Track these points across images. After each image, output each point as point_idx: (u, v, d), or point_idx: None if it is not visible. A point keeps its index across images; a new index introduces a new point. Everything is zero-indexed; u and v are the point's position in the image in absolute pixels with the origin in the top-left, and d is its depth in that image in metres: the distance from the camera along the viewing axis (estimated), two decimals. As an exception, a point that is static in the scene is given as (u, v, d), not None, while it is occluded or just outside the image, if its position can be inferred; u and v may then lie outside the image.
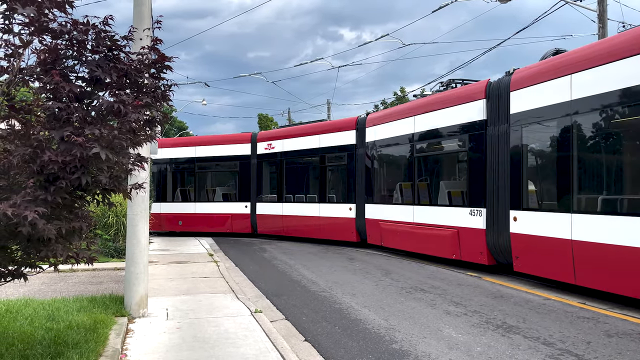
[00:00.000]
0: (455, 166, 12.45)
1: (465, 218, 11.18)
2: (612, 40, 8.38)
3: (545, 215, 9.13)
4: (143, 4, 7.14)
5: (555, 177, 9.09)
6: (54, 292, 8.57)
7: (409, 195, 13.24)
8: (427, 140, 12.66)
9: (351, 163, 15.93)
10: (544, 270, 9.17)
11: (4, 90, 4.17)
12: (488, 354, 5.50)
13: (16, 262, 4.28)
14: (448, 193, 12.08)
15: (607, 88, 7.90)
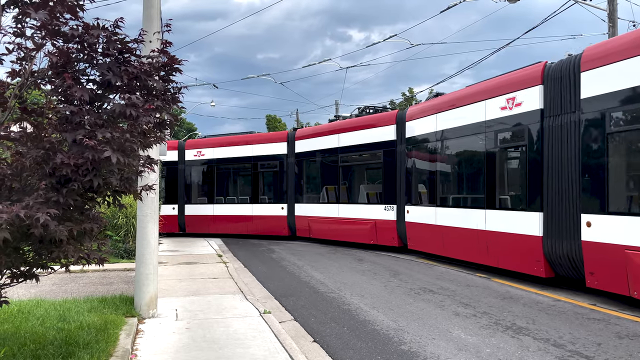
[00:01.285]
0: (372, 173, 16.11)
1: (381, 212, 14.89)
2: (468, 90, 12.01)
3: (424, 208, 13.25)
4: (152, 6, 7.19)
5: (428, 184, 13.31)
6: (65, 292, 8.65)
7: (333, 196, 16.84)
8: (350, 153, 16.33)
9: (282, 170, 18.88)
10: (424, 246, 13.27)
11: (16, 93, 4.22)
12: (497, 356, 5.48)
13: (28, 263, 4.33)
14: (367, 194, 15.76)
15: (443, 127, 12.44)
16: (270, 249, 16.07)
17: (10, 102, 4.13)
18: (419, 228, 13.29)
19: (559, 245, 8.94)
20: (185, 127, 60.49)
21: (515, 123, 10.04)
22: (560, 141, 9.03)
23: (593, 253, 8.13)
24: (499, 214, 10.38)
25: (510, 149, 10.66)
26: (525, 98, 9.74)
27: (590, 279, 8.22)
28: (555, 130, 9.14)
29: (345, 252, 14.94)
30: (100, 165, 3.87)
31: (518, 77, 10.13)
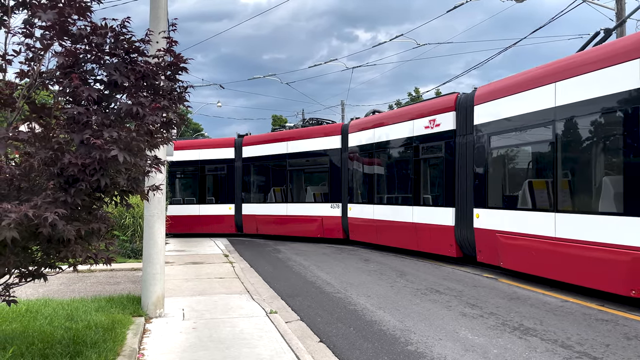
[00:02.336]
0: (320, 176, 18.41)
1: (328, 210, 17.37)
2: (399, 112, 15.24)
3: (364, 206, 15.91)
4: (159, 7, 7.22)
5: (367, 185, 16.08)
6: (73, 292, 8.70)
7: (281, 196, 18.90)
8: (298, 158, 18.44)
9: (230, 173, 20.38)
10: (363, 237, 15.99)
11: (24, 93, 4.25)
12: (505, 356, 5.45)
13: (36, 262, 4.36)
14: (313, 194, 18.12)
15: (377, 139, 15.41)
16: (277, 249, 16.08)
17: (18, 102, 4.16)
18: (360, 222, 16.16)
19: (463, 232, 11.84)
20: (191, 128, 60.67)
21: (436, 139, 12.91)
22: (465, 154, 11.95)
23: (480, 236, 11.19)
24: (423, 209, 13.20)
25: (432, 159, 13.40)
26: (443, 120, 12.62)
27: (479, 255, 11.27)
28: (462, 146, 12.08)
29: (350, 252, 14.93)
30: (107, 165, 3.88)
31: (438, 104, 13.12)
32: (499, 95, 10.77)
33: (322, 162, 17.86)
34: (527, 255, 9.66)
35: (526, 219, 9.80)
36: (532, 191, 9.80)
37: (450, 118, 12.34)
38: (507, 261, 10.27)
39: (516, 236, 9.97)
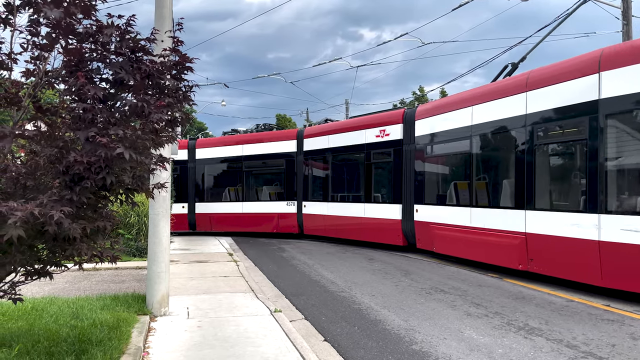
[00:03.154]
0: (276, 177, 19.93)
1: (284, 207, 19.08)
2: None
3: (318, 203, 17.90)
4: (164, 6, 7.22)
5: (320, 185, 18.15)
6: (78, 290, 8.73)
7: (236, 196, 20.17)
8: (254, 160, 19.89)
9: (183, 173, 20.98)
10: (316, 231, 17.98)
11: (30, 92, 4.26)
12: (510, 356, 5.44)
13: (42, 260, 4.37)
14: (269, 193, 19.72)
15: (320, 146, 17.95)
16: (281, 248, 16.09)
17: (24, 101, 4.18)
18: (313, 218, 18.12)
19: (407, 224, 14.33)
20: (196, 127, 60.76)
21: (386, 146, 15.22)
22: (409, 160, 14.35)
23: (419, 227, 13.76)
24: (374, 206, 15.55)
25: (382, 163, 15.69)
26: (392, 131, 14.98)
27: (418, 243, 13.84)
28: (407, 152, 14.46)
29: (355, 251, 14.92)
30: (113, 163, 3.89)
31: (388, 117, 15.51)
32: (433, 113, 13.41)
33: (277, 163, 19.54)
34: (452, 241, 12.30)
35: (451, 213, 12.37)
36: (457, 191, 12.37)
37: (399, 129, 14.79)
38: (438, 247, 12.90)
39: (444, 226, 12.60)
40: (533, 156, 9.87)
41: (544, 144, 9.91)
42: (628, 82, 7.95)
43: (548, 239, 9.40)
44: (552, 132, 9.76)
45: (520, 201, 10.09)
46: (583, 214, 8.68)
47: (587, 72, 8.67)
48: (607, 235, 8.20)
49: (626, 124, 8.29)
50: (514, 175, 10.41)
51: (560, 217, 9.18)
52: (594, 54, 8.75)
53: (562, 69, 9.42)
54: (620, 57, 8.21)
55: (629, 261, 7.86)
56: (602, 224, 8.28)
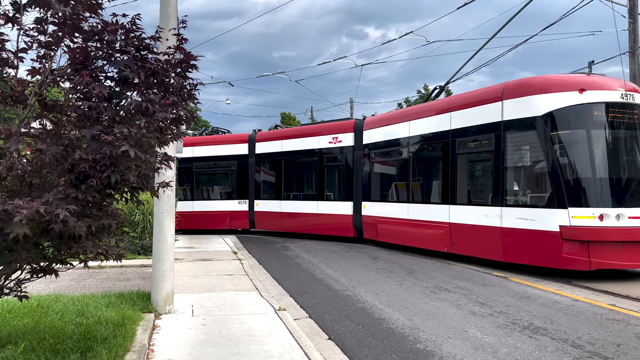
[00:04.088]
0: (227, 177, 21.22)
1: (236, 205, 20.48)
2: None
3: (269, 201, 19.60)
4: (169, 4, 7.24)
5: (273, 185, 19.73)
6: (83, 288, 8.77)
7: (189, 195, 21.13)
8: (205, 162, 21.06)
9: None
10: (268, 227, 19.98)
11: (36, 90, 4.28)
12: (514, 355, 5.42)
13: (47, 258, 4.39)
14: (220, 192, 21.10)
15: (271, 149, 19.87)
16: (285, 246, 16.11)
17: (30, 99, 4.19)
18: (265, 215, 19.81)
19: (357, 218, 16.65)
20: (200, 125, 60.80)
21: (338, 151, 17.51)
22: (359, 163, 16.66)
23: (365, 221, 16.27)
24: (328, 203, 17.69)
25: (334, 166, 17.84)
26: (344, 138, 17.26)
27: (365, 234, 16.35)
28: (357, 157, 16.78)
29: (359, 250, 14.92)
30: (118, 161, 3.90)
31: (340, 125, 17.79)
32: (379, 124, 16.11)
33: (229, 165, 20.86)
34: (393, 231, 14.88)
35: (392, 208, 14.95)
36: (397, 190, 14.99)
37: (350, 137, 17.08)
38: (381, 236, 15.50)
39: (387, 219, 15.16)
40: (455, 162, 12.52)
41: (463, 152, 12.52)
42: (520, 109, 10.66)
43: (466, 227, 11.99)
44: (469, 143, 12.41)
45: (445, 198, 12.72)
46: (490, 207, 11.30)
47: (494, 100, 11.32)
48: (506, 223, 10.84)
49: (519, 138, 11.00)
50: (441, 177, 13.10)
51: (475, 210, 11.82)
52: (499, 86, 11.53)
53: (477, 96, 12.17)
54: (515, 90, 10.90)
55: (521, 241, 10.53)
56: (503, 215, 10.93)
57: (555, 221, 9.77)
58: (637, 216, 9.72)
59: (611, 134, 10.31)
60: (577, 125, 10.27)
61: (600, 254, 9.49)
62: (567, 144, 10.18)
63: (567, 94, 10.13)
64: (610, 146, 10.36)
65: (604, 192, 10.01)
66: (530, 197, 10.65)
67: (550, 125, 10.14)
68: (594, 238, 9.53)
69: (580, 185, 9.93)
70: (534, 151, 10.70)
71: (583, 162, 10.13)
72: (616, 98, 10.21)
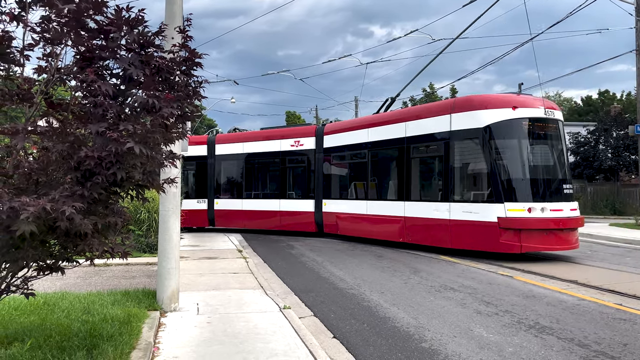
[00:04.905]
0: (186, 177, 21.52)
1: (195, 204, 21.15)
2: None
3: (230, 200, 20.81)
4: (174, 3, 7.24)
5: (233, 184, 21.10)
6: (89, 285, 8.80)
7: None
8: None
9: None
10: (227, 224, 20.86)
11: (42, 89, 4.29)
12: (520, 355, 5.40)
13: (54, 256, 4.41)
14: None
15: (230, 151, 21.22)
16: (290, 245, 16.12)
17: (36, 98, 4.21)
18: (225, 213, 20.90)
19: (318, 215, 18.33)
20: (205, 124, 60.93)
21: (301, 154, 19.14)
22: (320, 165, 18.41)
23: (326, 217, 18.01)
24: (290, 201, 19.17)
25: (297, 167, 19.46)
26: (305, 142, 18.88)
27: (326, 229, 18.02)
28: (318, 159, 18.49)
29: (364, 248, 14.91)
30: (123, 158, 3.91)
31: (302, 130, 19.71)
32: (339, 130, 18.04)
33: (189, 165, 21.45)
34: (353, 225, 16.84)
35: (353, 205, 16.90)
36: (356, 189, 16.92)
37: (312, 141, 18.70)
38: (342, 230, 17.37)
39: (347, 215, 17.12)
40: (409, 165, 14.56)
41: (416, 157, 14.56)
42: (465, 121, 12.82)
43: (419, 220, 14.12)
44: (422, 149, 14.48)
45: (401, 195, 14.77)
46: (440, 202, 13.31)
47: (445, 113, 13.38)
48: (454, 216, 12.85)
49: (465, 145, 13.05)
50: (397, 178, 15.18)
51: (427, 205, 13.89)
52: (449, 101, 14.12)
53: (429, 109, 14.65)
54: (462, 106, 13.05)
55: (466, 230, 12.61)
56: (451, 209, 12.93)
57: (494, 213, 11.99)
58: (557, 209, 11.99)
59: (536, 143, 12.82)
60: (511, 136, 12.55)
61: (529, 239, 11.73)
62: (502, 151, 12.46)
63: (504, 110, 12.39)
64: (536, 153, 12.84)
65: (532, 190, 12.37)
66: (473, 194, 12.74)
67: (489, 135, 12.39)
68: (524, 227, 11.72)
69: (513, 184, 12.25)
70: (476, 156, 12.82)
71: (515, 165, 12.47)
72: (540, 114, 12.55)
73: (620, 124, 33.31)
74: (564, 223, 11.92)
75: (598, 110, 45.58)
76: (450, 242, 12.97)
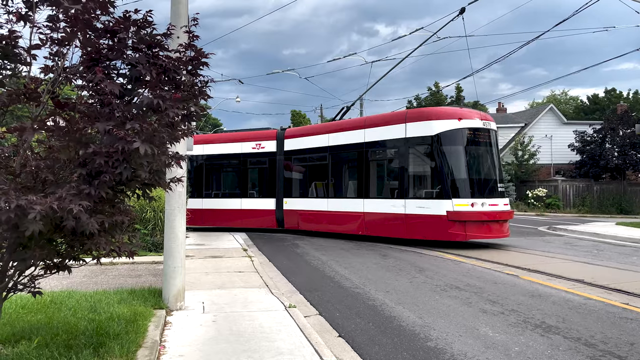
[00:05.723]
0: None
1: None
2: None
3: (195, 200, 20.96)
4: (180, 2, 7.25)
5: (198, 183, 21.48)
6: (95, 284, 8.84)
7: None
8: None
9: None
10: (194, 222, 19.84)
11: (49, 88, 4.31)
12: (526, 354, 5.38)
13: (61, 255, 4.43)
14: None
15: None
16: (295, 244, 16.13)
17: (43, 97, 4.23)
18: (190, 211, 23.61)
19: (279, 213, 19.63)
20: (210, 123, 61.01)
21: (263, 156, 20.25)
22: (281, 166, 19.66)
23: (287, 214, 19.37)
24: (252, 200, 20.38)
25: (259, 168, 20.62)
26: (267, 145, 20.13)
27: (286, 225, 19.37)
28: (279, 161, 19.73)
29: (369, 247, 14.90)
30: (130, 156, 3.92)
31: (264, 134, 20.62)
32: (300, 135, 19.55)
33: None
34: (314, 221, 18.41)
35: (314, 203, 18.45)
36: (317, 188, 18.54)
37: (273, 144, 20.03)
38: (303, 226, 18.86)
39: (308, 211, 18.57)
40: (368, 166, 16.48)
41: (375, 159, 16.48)
42: (418, 129, 14.94)
43: (377, 215, 16.01)
44: (380, 153, 16.45)
45: (360, 194, 16.65)
46: (397, 199, 15.32)
47: (400, 122, 15.52)
48: (409, 210, 14.93)
49: (418, 150, 15.14)
50: (356, 178, 17.04)
51: (385, 202, 15.82)
52: (403, 112, 16.84)
53: (386, 118, 16.53)
54: (416, 116, 15.39)
55: (419, 223, 14.67)
56: (407, 205, 15.01)
57: (444, 208, 14.04)
58: (494, 204, 14.31)
59: (477, 149, 14.89)
60: (457, 143, 14.63)
61: (472, 229, 13.94)
62: (450, 155, 14.55)
63: (451, 121, 14.55)
64: (476, 157, 15.01)
65: (474, 188, 14.51)
66: (425, 192, 14.77)
67: (439, 142, 14.50)
68: (468, 219, 13.88)
69: (459, 183, 14.39)
70: (428, 159, 14.91)
71: (461, 167, 14.60)
72: (480, 125, 14.83)
73: (626, 122, 33.14)
74: (499, 215, 14.30)
75: (604, 109, 45.36)
76: (405, 233, 15.05)
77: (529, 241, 16.35)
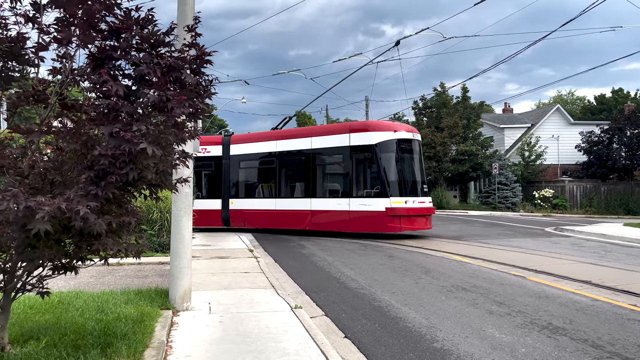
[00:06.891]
0: None
1: None
2: None
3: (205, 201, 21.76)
4: (186, 3, 7.29)
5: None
6: (102, 284, 8.88)
7: None
8: None
9: None
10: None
11: (57, 90, 4.34)
12: (533, 355, 5.36)
13: (69, 255, 4.46)
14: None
15: None
16: (301, 244, 16.14)
17: (51, 99, 4.26)
18: None
19: (225, 212, 20.94)
20: (216, 124, 61.19)
21: (209, 159, 21.20)
22: (227, 169, 20.98)
23: (232, 213, 20.74)
24: (201, 201, 20.80)
25: (205, 171, 21.64)
26: (213, 149, 21.15)
27: (232, 224, 20.85)
28: (225, 164, 21.09)
29: (375, 248, 14.88)
30: (137, 158, 3.94)
31: (210, 139, 21.75)
32: (245, 141, 21.12)
33: None
34: (262, 219, 20.11)
35: (262, 202, 20.24)
36: (263, 189, 20.48)
37: (219, 149, 21.29)
38: (249, 224, 20.46)
39: (255, 210, 20.28)
40: (315, 170, 18.75)
41: (320, 164, 18.76)
42: (361, 139, 17.59)
43: (323, 212, 18.29)
44: (326, 158, 18.75)
45: (307, 194, 18.79)
46: (342, 198, 17.85)
47: (344, 132, 18.11)
48: (353, 208, 17.46)
49: (360, 157, 17.70)
50: (303, 180, 19.09)
51: (331, 201, 18.23)
52: (347, 124, 19.97)
53: (331, 128, 19.81)
54: (358, 128, 18.18)
55: (362, 218, 17.26)
56: (351, 203, 17.51)
57: (383, 205, 16.79)
58: (421, 202, 17.29)
59: (408, 156, 17.85)
60: (392, 151, 17.42)
61: (405, 223, 16.79)
62: (387, 161, 17.31)
63: (388, 132, 17.46)
64: (408, 162, 17.88)
65: (406, 188, 17.34)
66: (366, 192, 17.44)
67: (379, 150, 17.20)
68: (402, 214, 16.70)
69: (395, 184, 17.22)
70: (369, 164, 17.60)
71: (395, 172, 17.43)
72: (409, 136, 17.92)
73: (634, 122, 32.93)
74: (426, 211, 17.37)
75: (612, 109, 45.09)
76: (350, 227, 17.57)
77: (535, 242, 16.28)
